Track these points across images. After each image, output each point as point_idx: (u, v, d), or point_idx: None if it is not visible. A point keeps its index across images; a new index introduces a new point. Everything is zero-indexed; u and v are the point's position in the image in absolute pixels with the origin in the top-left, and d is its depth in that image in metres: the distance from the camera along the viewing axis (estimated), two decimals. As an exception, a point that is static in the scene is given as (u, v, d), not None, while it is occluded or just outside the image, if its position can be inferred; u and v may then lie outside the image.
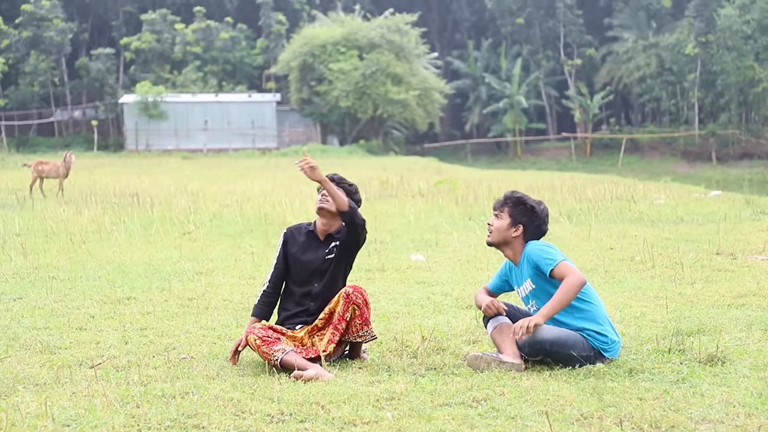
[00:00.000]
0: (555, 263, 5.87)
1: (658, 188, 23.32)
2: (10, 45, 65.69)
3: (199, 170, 37.37)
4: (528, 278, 6.04)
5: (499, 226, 6.11)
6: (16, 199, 20.65)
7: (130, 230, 14.85)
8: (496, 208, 6.18)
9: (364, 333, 6.20)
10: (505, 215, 6.11)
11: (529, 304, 6.13)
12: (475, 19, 78.54)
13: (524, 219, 6.08)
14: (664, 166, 55.37)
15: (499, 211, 6.15)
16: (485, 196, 19.97)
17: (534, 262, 5.96)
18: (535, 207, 6.11)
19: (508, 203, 6.13)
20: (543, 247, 5.98)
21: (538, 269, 5.96)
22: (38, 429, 4.66)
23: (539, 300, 6.01)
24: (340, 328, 6.14)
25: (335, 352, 6.23)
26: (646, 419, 4.69)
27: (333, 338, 6.14)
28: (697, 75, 63.17)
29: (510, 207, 6.11)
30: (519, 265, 6.14)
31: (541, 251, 5.95)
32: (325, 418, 4.83)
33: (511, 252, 6.15)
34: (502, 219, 6.12)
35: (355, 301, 6.14)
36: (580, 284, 5.80)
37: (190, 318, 7.87)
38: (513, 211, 6.10)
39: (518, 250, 6.13)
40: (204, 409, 4.97)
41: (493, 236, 6.14)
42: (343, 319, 6.14)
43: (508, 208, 6.11)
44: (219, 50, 68.14)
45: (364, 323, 6.18)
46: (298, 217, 15.73)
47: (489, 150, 69.78)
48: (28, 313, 8.06)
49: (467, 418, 4.80)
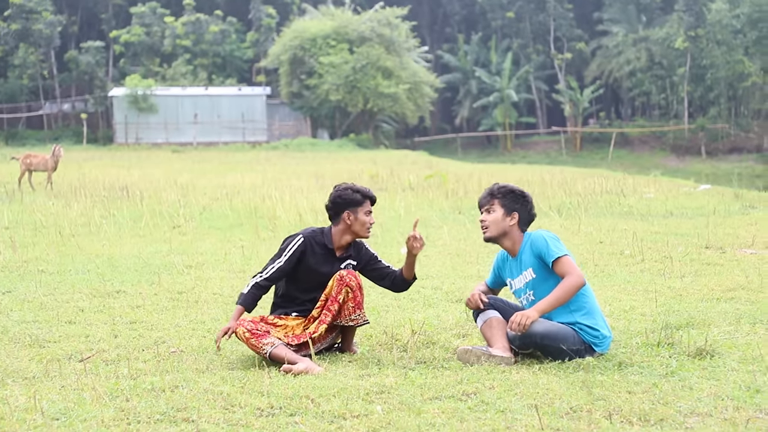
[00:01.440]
0: (560, 255, 5.87)
1: (647, 182, 23.37)
2: (-1, 37, 65.46)
3: (188, 163, 37.30)
4: (529, 267, 6.03)
5: (494, 219, 6.09)
6: (4, 192, 20.60)
7: (120, 224, 14.83)
8: (483, 204, 6.16)
9: (357, 316, 6.17)
10: (496, 207, 6.10)
11: (524, 295, 6.11)
12: (465, 12, 78.47)
13: (517, 206, 6.09)
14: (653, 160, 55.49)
15: (488, 205, 6.13)
16: (475, 190, 19.97)
17: (538, 251, 5.95)
18: (523, 192, 6.14)
19: (497, 195, 6.12)
20: (549, 237, 5.97)
21: (541, 259, 5.95)
22: (27, 422, 4.65)
23: (537, 290, 6.00)
24: (333, 309, 6.11)
25: (325, 337, 6.21)
26: (635, 412, 4.70)
27: (324, 319, 6.10)
28: (686, 69, 63.28)
29: (500, 198, 6.10)
30: (517, 256, 6.13)
31: (547, 240, 5.94)
32: (315, 411, 4.82)
33: (509, 243, 6.13)
34: (494, 212, 6.10)
35: (349, 284, 6.11)
36: (579, 286, 5.82)
37: (179, 311, 7.86)
38: (504, 201, 6.09)
39: (517, 240, 6.12)
40: (194, 403, 4.96)
41: (490, 230, 6.11)
42: (335, 301, 6.11)
43: (498, 200, 6.10)
44: (209, 43, 67.94)
45: (357, 306, 6.15)
46: (288, 210, 15.73)
47: (479, 144, 69.83)
48: (17, 307, 8.05)
49: (457, 412, 4.81)
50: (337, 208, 6.29)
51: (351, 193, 6.27)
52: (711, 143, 60.63)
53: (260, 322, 6.08)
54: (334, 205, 6.30)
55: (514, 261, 6.16)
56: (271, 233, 13.62)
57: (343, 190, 6.30)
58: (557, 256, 5.87)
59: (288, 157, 44.27)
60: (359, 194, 6.28)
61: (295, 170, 29.54)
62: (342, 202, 6.27)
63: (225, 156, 45.58)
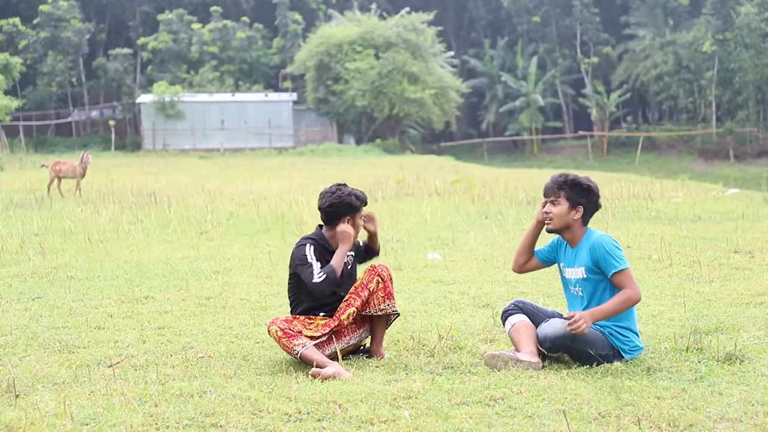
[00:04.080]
0: (622, 267, 5.83)
1: (675, 186, 23.22)
2: (28, 45, 66.06)
3: (216, 170, 37.43)
4: (582, 267, 5.98)
5: (559, 212, 6.02)
6: (34, 199, 20.75)
7: (148, 229, 14.89)
8: (549, 195, 6.07)
9: (386, 306, 6.18)
10: (562, 200, 6.02)
11: (573, 288, 6.08)
12: (491, 17, 78.43)
13: (583, 199, 6.02)
14: (681, 164, 55.12)
15: (554, 197, 6.05)
16: (502, 195, 19.94)
17: (598, 258, 5.90)
18: (590, 185, 6.05)
19: (564, 188, 6.03)
20: (613, 246, 5.90)
21: (598, 265, 5.90)
22: (57, 427, 4.68)
23: (585, 289, 5.98)
24: (362, 295, 6.13)
25: (354, 330, 6.25)
26: (664, 418, 4.68)
27: (353, 302, 6.13)
28: (714, 73, 62.90)
29: (566, 191, 6.02)
30: (576, 248, 6.08)
31: (611, 249, 5.87)
32: (342, 416, 4.83)
33: (570, 235, 6.09)
34: (560, 204, 6.02)
35: (380, 273, 6.15)
36: (636, 301, 5.82)
37: (207, 317, 7.89)
38: (570, 194, 6.01)
39: (578, 233, 6.07)
40: (222, 408, 4.97)
41: (554, 223, 6.04)
42: (365, 288, 6.14)
43: (564, 192, 6.02)
44: (235, 50, 68.27)
45: (387, 296, 6.18)
46: (315, 215, 15.73)
47: (505, 148, 69.69)
48: (47, 313, 8.10)
49: (484, 417, 4.80)
50: (337, 213, 6.28)
51: (353, 199, 6.26)
52: (739, 147, 60.19)
53: (293, 321, 6.09)
54: (335, 210, 6.29)
55: (571, 251, 6.11)
56: (297, 239, 13.61)
57: (347, 195, 6.28)
58: (619, 269, 5.83)
59: (314, 162, 44.36)
60: (359, 201, 6.29)
61: (321, 176, 29.57)
62: (342, 208, 6.27)
63: (252, 162, 45.71)
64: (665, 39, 66.07)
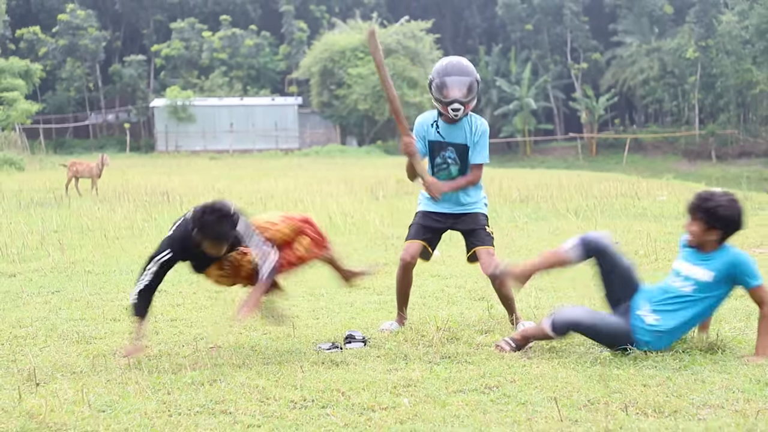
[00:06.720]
0: (761, 283, 5.70)
1: (660, 185, 23.20)
2: (48, 53, 66.11)
3: (225, 170, 37.41)
4: (713, 272, 5.74)
5: (697, 232, 5.80)
6: (53, 197, 20.74)
7: (161, 227, 14.87)
8: (690, 212, 5.88)
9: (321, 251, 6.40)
10: (701, 222, 5.79)
11: (681, 282, 5.86)
12: (486, 25, 78.38)
13: (718, 224, 5.75)
14: (666, 165, 55.03)
15: (692, 216, 5.84)
16: (496, 194, 19.93)
17: (740, 270, 5.70)
18: (733, 216, 5.77)
19: (700, 211, 5.79)
20: (753, 261, 5.77)
21: (733, 276, 5.71)
22: (75, 414, 4.68)
23: (700, 290, 5.78)
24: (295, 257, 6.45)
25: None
26: (650, 404, 4.68)
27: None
28: (697, 78, 62.89)
29: (704, 216, 5.77)
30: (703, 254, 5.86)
31: (752, 264, 5.73)
32: (345, 403, 4.83)
33: (702, 248, 5.87)
34: (697, 226, 5.80)
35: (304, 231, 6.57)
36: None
37: (217, 309, 7.88)
38: (708, 219, 5.76)
39: (710, 247, 5.83)
40: (231, 396, 4.98)
41: (693, 241, 5.85)
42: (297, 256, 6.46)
43: (701, 215, 5.79)
44: (244, 56, 68.30)
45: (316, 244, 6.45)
46: (319, 213, 15.73)
47: (500, 150, 69.56)
48: (66, 305, 8.10)
49: (480, 404, 4.80)
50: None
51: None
52: (721, 148, 60.14)
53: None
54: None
55: (693, 251, 5.91)
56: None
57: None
58: (759, 283, 5.70)
59: (318, 163, 44.33)
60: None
61: (325, 176, 29.54)
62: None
63: (259, 163, 45.68)
64: (651, 46, 66.04)
